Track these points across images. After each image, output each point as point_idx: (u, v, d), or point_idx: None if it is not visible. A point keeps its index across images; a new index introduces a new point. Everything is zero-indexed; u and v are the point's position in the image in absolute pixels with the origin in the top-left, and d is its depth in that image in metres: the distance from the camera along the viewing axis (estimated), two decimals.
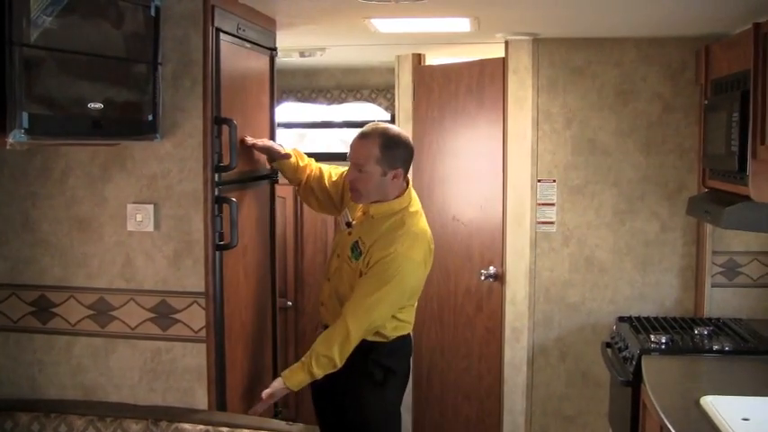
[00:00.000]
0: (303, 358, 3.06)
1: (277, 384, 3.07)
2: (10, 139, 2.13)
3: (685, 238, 4.27)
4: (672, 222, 4.27)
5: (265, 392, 3.06)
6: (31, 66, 2.18)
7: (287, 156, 3.36)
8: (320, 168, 3.45)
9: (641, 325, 3.91)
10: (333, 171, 3.45)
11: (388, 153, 3.08)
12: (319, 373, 3.02)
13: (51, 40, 2.23)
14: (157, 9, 2.67)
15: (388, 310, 3.07)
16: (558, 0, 3.32)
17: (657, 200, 4.27)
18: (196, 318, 2.90)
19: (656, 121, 4.24)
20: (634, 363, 3.40)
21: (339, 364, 3.02)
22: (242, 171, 3.13)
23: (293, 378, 3.05)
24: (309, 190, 3.44)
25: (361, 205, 3.22)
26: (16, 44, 2.11)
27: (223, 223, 2.94)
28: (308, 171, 3.42)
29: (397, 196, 3.14)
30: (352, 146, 3.14)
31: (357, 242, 3.13)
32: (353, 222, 3.22)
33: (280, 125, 5.08)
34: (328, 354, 3.00)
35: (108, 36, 2.49)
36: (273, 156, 3.35)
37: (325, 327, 3.24)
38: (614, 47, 4.23)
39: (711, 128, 3.53)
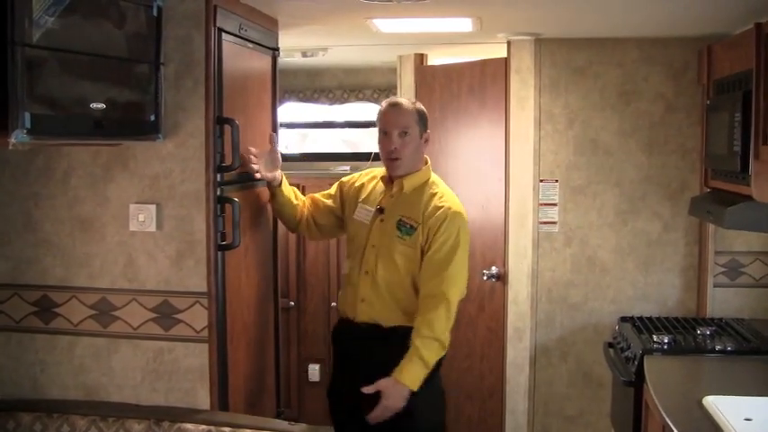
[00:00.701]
0: (407, 354, 2.95)
1: (393, 391, 2.92)
2: (12, 139, 2.14)
3: (687, 239, 4.26)
4: (674, 222, 4.27)
5: (379, 408, 2.93)
6: (34, 66, 2.18)
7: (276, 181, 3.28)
8: (310, 198, 3.44)
9: (643, 325, 3.90)
10: (321, 193, 3.45)
11: (421, 115, 3.18)
12: (432, 360, 2.96)
13: (53, 40, 2.24)
14: (159, 9, 2.67)
15: (466, 270, 3.13)
16: (560, 0, 3.32)
17: (660, 200, 4.27)
18: (198, 318, 2.90)
19: (658, 121, 4.24)
20: (636, 363, 3.40)
21: (446, 345, 3.02)
22: (244, 171, 3.13)
23: (407, 374, 2.93)
24: (309, 222, 3.40)
25: (382, 190, 3.22)
26: (18, 44, 2.12)
27: (225, 223, 2.94)
28: (300, 206, 3.39)
29: (423, 165, 3.23)
30: (390, 114, 3.15)
31: (402, 220, 3.11)
32: (383, 207, 3.19)
33: (282, 125, 5.08)
34: (435, 335, 2.96)
35: (110, 36, 2.50)
36: (273, 182, 3.28)
37: (359, 324, 3.16)
38: (616, 47, 4.23)
39: (713, 128, 3.53)
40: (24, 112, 2.14)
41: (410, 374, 2.94)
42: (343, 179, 3.43)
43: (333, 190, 3.43)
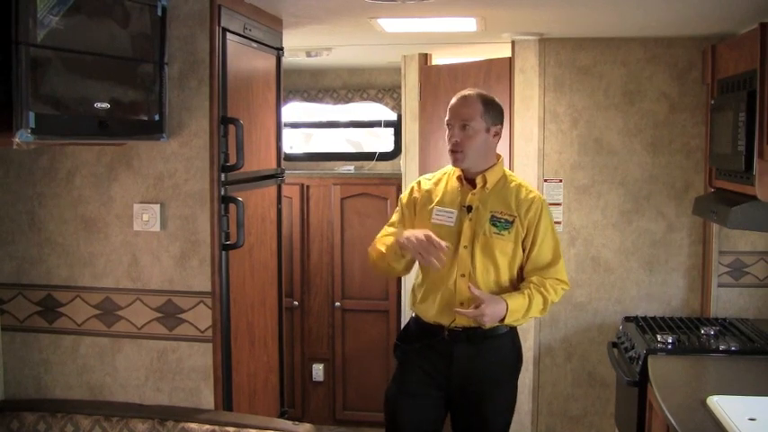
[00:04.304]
0: (518, 291, 3.02)
1: (494, 303, 2.93)
2: (17, 139, 2.14)
3: (692, 238, 4.26)
4: (678, 222, 4.26)
5: (474, 309, 2.92)
6: (38, 65, 2.19)
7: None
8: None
9: (647, 325, 3.90)
10: (393, 226, 3.22)
11: (488, 107, 3.08)
12: (533, 310, 3.00)
13: (58, 39, 2.24)
14: (164, 9, 2.68)
15: None
16: (563, 1, 3.31)
17: (664, 200, 4.27)
18: (202, 317, 2.91)
19: (662, 120, 4.23)
20: (640, 363, 3.40)
21: (545, 313, 3.09)
22: (248, 171, 3.13)
23: (512, 301, 2.96)
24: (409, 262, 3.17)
25: (458, 190, 3.10)
26: (23, 44, 2.12)
27: (229, 223, 2.94)
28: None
29: (497, 160, 3.15)
30: (455, 107, 3.10)
31: (495, 216, 3.05)
32: (471, 205, 3.07)
33: (286, 125, 5.09)
34: (548, 296, 3.02)
35: (114, 36, 2.50)
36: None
37: (456, 328, 3.05)
38: (621, 46, 4.23)
39: (718, 127, 3.52)
40: (29, 112, 2.15)
41: (514, 303, 2.97)
42: (402, 197, 3.26)
43: (399, 215, 3.23)
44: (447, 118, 3.11)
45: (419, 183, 3.24)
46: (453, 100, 3.13)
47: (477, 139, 3.05)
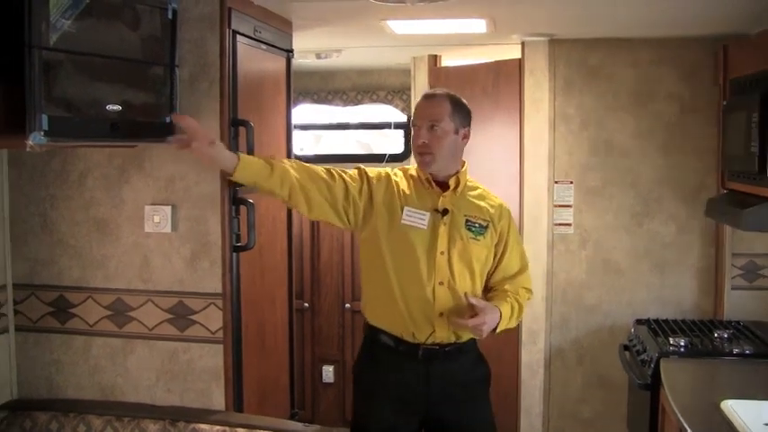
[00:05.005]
0: (500, 301, 2.87)
1: (491, 312, 2.79)
2: (29, 141, 2.16)
3: (704, 240, 4.24)
4: (690, 224, 4.24)
5: (475, 318, 2.75)
6: (51, 68, 2.20)
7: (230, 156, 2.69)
8: (329, 169, 3.05)
9: (659, 327, 3.88)
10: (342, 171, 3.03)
11: (457, 108, 2.92)
12: (514, 317, 2.91)
13: (70, 42, 2.25)
14: (174, 12, 2.68)
15: None
16: (574, 0, 3.30)
17: (675, 201, 4.25)
18: (213, 319, 2.91)
19: (673, 122, 4.22)
20: (652, 366, 3.38)
21: (516, 323, 2.98)
22: None
23: (504, 308, 2.84)
24: (321, 193, 2.99)
25: (428, 191, 2.91)
26: (36, 47, 2.13)
27: (240, 225, 2.94)
28: (294, 174, 2.89)
29: (462, 166, 2.98)
30: (421, 106, 2.93)
31: (469, 220, 2.89)
32: (445, 209, 2.89)
33: (296, 127, 5.09)
34: (522, 304, 2.95)
35: (125, 39, 2.51)
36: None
37: (433, 344, 2.87)
38: (631, 47, 4.21)
39: (730, 129, 3.51)
40: (42, 115, 2.16)
41: (505, 310, 2.84)
42: (369, 171, 3.09)
43: (355, 175, 3.06)
44: (413, 118, 2.94)
45: (387, 174, 3.02)
46: (420, 99, 2.98)
47: (446, 140, 2.87)
